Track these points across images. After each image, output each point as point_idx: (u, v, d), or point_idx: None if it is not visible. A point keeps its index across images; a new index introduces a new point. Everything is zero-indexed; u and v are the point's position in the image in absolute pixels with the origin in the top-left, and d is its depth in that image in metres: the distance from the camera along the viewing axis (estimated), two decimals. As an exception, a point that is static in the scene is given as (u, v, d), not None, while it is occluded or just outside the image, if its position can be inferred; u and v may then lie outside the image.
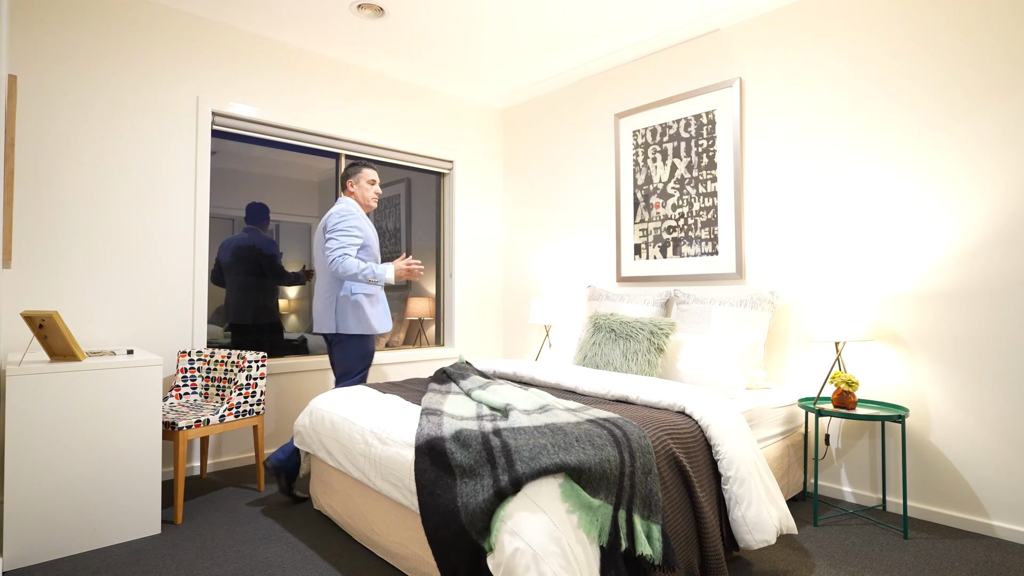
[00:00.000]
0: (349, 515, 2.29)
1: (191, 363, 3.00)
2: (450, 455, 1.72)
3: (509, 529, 1.46)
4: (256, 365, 2.84)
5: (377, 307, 2.94)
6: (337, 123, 3.78)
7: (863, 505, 2.71)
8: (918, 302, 2.57)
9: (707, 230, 3.34)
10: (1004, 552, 2.22)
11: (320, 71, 3.72)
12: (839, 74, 2.82)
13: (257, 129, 3.46)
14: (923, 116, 2.57)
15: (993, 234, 2.38)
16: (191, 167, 3.18)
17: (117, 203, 2.94)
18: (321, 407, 2.46)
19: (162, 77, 3.09)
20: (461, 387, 2.52)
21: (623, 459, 1.69)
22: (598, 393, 2.47)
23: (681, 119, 3.47)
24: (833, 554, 2.20)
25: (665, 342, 2.81)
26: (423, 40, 3.59)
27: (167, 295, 3.09)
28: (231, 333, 3.51)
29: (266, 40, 3.48)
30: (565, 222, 4.23)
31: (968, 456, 2.44)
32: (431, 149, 4.30)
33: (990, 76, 2.39)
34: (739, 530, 1.95)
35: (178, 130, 3.14)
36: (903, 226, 2.61)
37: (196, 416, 2.59)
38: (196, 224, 3.19)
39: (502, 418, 1.99)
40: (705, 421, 2.07)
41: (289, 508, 2.66)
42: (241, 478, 3.10)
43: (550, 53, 3.79)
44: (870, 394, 2.71)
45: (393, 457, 1.93)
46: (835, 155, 2.84)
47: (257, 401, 2.84)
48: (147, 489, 2.36)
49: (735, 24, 3.23)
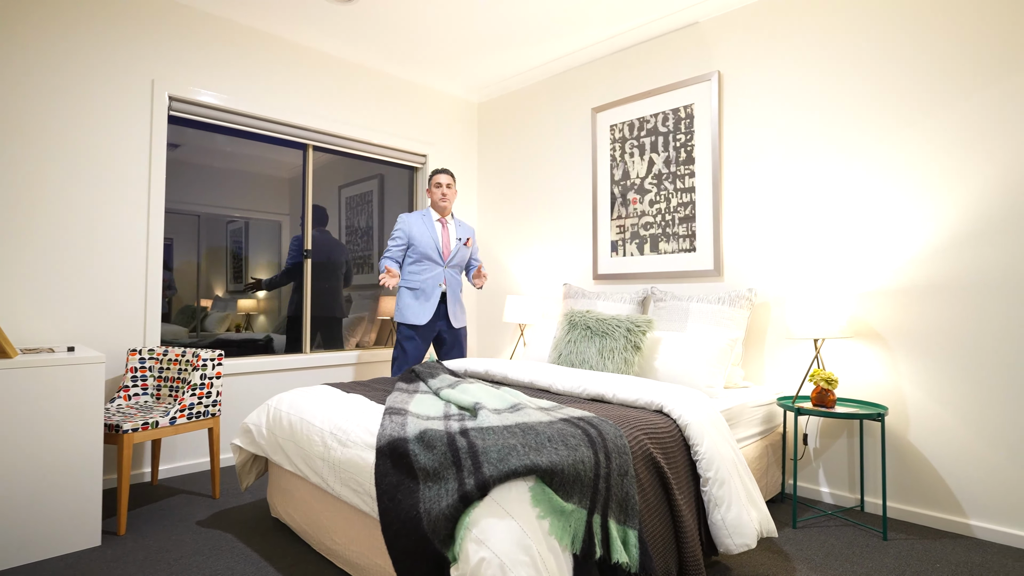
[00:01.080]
0: (307, 523, 2.14)
1: (142, 362, 2.81)
2: (413, 457, 1.59)
3: (475, 537, 1.34)
4: (212, 364, 2.67)
5: (419, 300, 3.29)
6: (305, 113, 3.63)
7: (841, 506, 2.66)
8: (895, 297, 2.53)
9: (685, 226, 3.27)
10: (983, 552, 2.17)
11: (287, 58, 3.56)
12: (816, 70, 2.78)
13: (219, 117, 3.29)
14: (899, 112, 2.53)
15: (967, 229, 2.35)
16: (145, 155, 3.00)
17: (61, 191, 2.74)
18: (279, 407, 2.31)
19: (113, 56, 2.90)
20: (430, 386, 2.40)
21: (598, 460, 1.58)
22: (573, 392, 2.37)
23: (659, 113, 3.40)
24: (813, 557, 2.13)
25: (642, 340, 2.73)
26: (396, 29, 3.46)
27: (117, 290, 2.90)
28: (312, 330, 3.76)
29: (230, 23, 3.31)
30: (541, 219, 4.13)
31: (947, 455, 2.40)
32: (404, 142, 4.16)
33: (962, 74, 2.37)
34: (719, 534, 1.87)
35: (131, 114, 2.95)
36: (880, 222, 2.58)
37: (144, 418, 2.41)
38: (150, 216, 3.00)
39: (470, 418, 1.87)
40: (683, 420, 1.98)
41: (244, 516, 2.49)
42: (195, 485, 2.91)
43: (526, 45, 3.70)
44: (849, 392, 2.66)
45: (353, 460, 1.80)
46: (813, 151, 2.80)
47: (212, 402, 2.67)
48: (86, 497, 2.17)
49: (713, 17, 3.18)
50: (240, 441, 2.42)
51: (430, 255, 3.31)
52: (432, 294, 3.30)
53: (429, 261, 3.33)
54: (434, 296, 3.30)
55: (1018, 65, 2.25)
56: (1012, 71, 2.26)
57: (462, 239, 3.44)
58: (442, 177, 3.36)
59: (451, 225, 3.45)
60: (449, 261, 3.38)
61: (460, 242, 3.43)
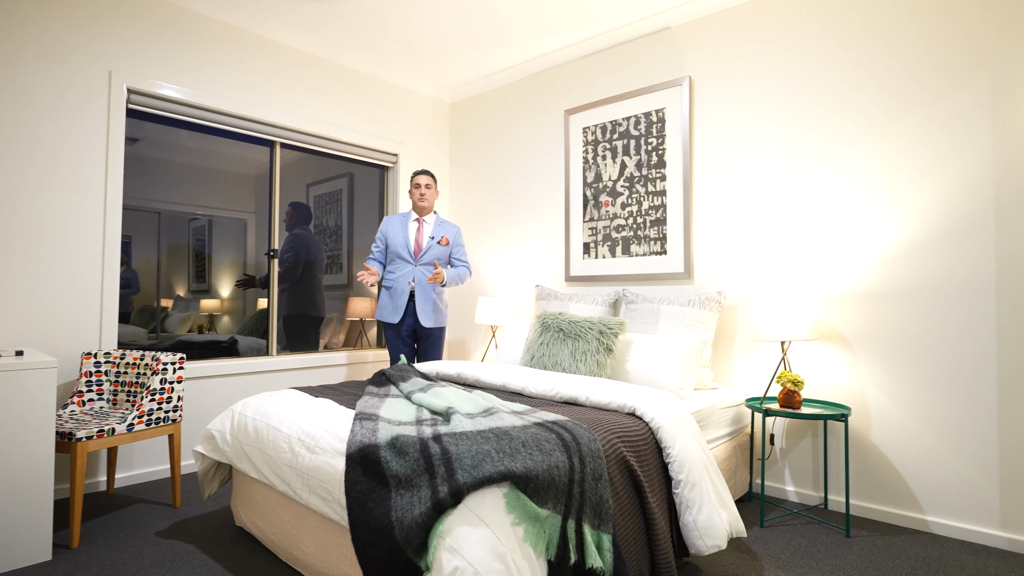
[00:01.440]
0: (274, 532, 2.08)
1: (97, 366, 2.69)
2: (384, 464, 1.56)
3: (448, 546, 1.32)
4: (172, 368, 2.57)
5: (392, 298, 3.36)
6: (273, 109, 3.53)
7: (806, 504, 2.72)
8: (858, 301, 2.60)
9: (656, 229, 3.30)
10: (940, 547, 2.25)
11: (253, 52, 3.46)
12: (784, 77, 2.85)
13: (181, 111, 3.17)
14: (863, 120, 2.61)
15: (928, 235, 2.44)
16: (102, 149, 2.87)
17: (11, 185, 2.60)
18: (244, 412, 2.24)
19: (68, 46, 2.77)
20: (401, 390, 2.36)
21: (572, 465, 1.58)
22: (546, 395, 2.36)
23: (631, 116, 3.43)
24: (780, 556, 2.17)
25: (614, 342, 2.74)
26: (367, 25, 3.40)
27: (72, 291, 2.76)
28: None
29: (193, 14, 3.20)
30: (513, 220, 4.12)
31: (905, 453, 2.48)
32: (374, 141, 4.10)
33: (923, 83, 2.45)
34: (690, 536, 1.88)
35: (87, 107, 2.82)
36: (845, 226, 2.65)
37: (99, 425, 2.31)
38: (107, 213, 2.88)
39: (443, 423, 1.84)
40: (656, 423, 1.99)
41: (207, 526, 2.41)
42: (154, 493, 2.80)
43: (499, 45, 3.68)
44: (814, 393, 2.73)
45: (322, 467, 1.75)
46: (781, 156, 2.86)
47: (173, 407, 2.57)
48: (36, 509, 2.06)
49: (685, 23, 3.22)
50: (202, 448, 2.34)
51: (401, 253, 3.37)
52: (403, 292, 3.34)
53: (401, 260, 3.39)
54: (404, 294, 3.34)
55: (977, 75, 2.34)
56: (972, 81, 2.35)
57: (435, 237, 3.41)
58: (421, 178, 3.40)
59: (427, 224, 3.43)
60: (420, 259, 3.37)
61: (433, 240, 3.40)
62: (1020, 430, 2.22)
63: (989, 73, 2.30)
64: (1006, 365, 2.25)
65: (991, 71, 2.30)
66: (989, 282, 2.30)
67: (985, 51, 2.32)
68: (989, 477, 2.28)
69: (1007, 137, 2.26)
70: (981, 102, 2.32)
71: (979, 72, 2.33)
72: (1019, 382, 2.23)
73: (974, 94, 2.34)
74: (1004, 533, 2.25)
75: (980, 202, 2.32)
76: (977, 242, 2.32)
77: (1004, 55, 2.27)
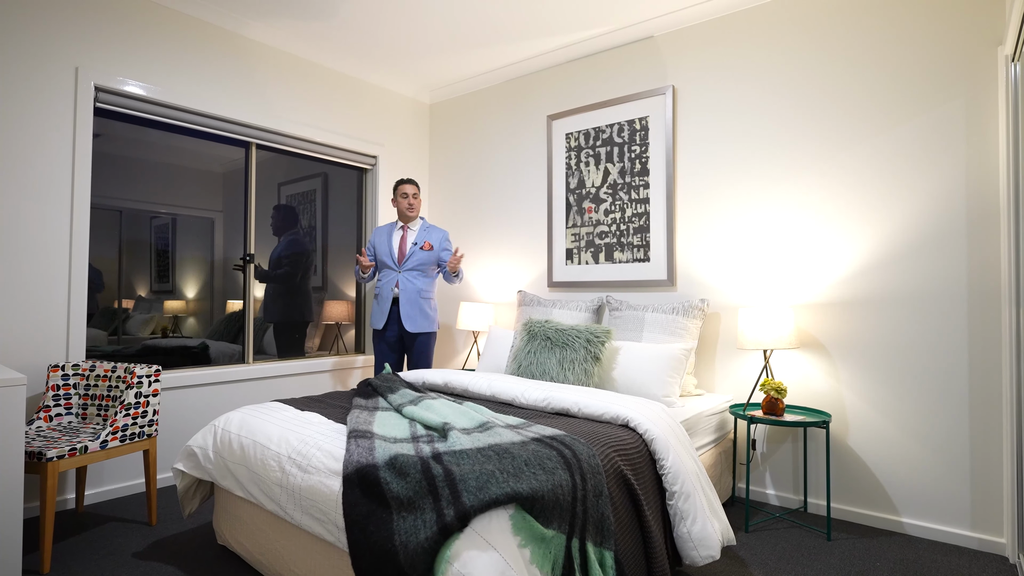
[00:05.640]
0: (261, 552, 2.02)
1: (65, 379, 2.56)
2: (385, 485, 1.53)
3: (456, 572, 1.30)
4: (148, 380, 2.47)
5: (379, 305, 3.43)
6: (248, 109, 3.42)
7: (787, 507, 2.79)
8: (836, 310, 2.68)
9: (639, 236, 3.33)
10: (915, 549, 2.34)
11: (228, 50, 3.34)
12: (766, 88, 2.90)
13: (152, 110, 3.04)
14: (845, 131, 2.68)
15: (903, 246, 2.52)
16: (68, 150, 2.73)
17: (-31, 189, 2.45)
18: (228, 428, 2.16)
19: (31, 40, 2.62)
20: (390, 402, 2.32)
21: (575, 483, 1.58)
22: (537, 406, 2.35)
23: (615, 124, 3.44)
24: (767, 561, 2.22)
25: (602, 350, 2.76)
26: (345, 24, 3.32)
27: (36, 299, 2.62)
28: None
29: (165, 10, 3.07)
30: (495, 224, 4.10)
31: (881, 457, 2.57)
32: (353, 143, 4.01)
33: (906, 96, 2.53)
34: (684, 546, 1.91)
35: (53, 106, 2.68)
36: (824, 237, 2.72)
37: (71, 443, 2.20)
38: (74, 216, 2.74)
39: (440, 439, 1.82)
40: (649, 435, 2.01)
41: (187, 545, 2.33)
42: (128, 511, 2.69)
43: (481, 48, 3.65)
44: (795, 399, 2.80)
45: (316, 488, 1.70)
46: (762, 166, 2.91)
47: (149, 422, 2.47)
48: (5, 533, 1.95)
49: (668, 32, 3.25)
50: (183, 465, 2.25)
51: (385, 260, 3.44)
52: (387, 298, 3.40)
53: (386, 267, 3.44)
54: (388, 300, 3.40)
55: (944, 96, 2.43)
56: (940, 101, 2.44)
57: (419, 243, 3.40)
58: (408, 187, 3.44)
59: (411, 231, 3.46)
60: (403, 265, 3.39)
61: (416, 246, 3.39)
62: (990, 434, 2.33)
63: (962, 91, 2.40)
64: (976, 371, 2.35)
65: (964, 89, 2.39)
66: (961, 291, 2.39)
67: (959, 70, 2.41)
68: (960, 480, 2.38)
69: (979, 153, 2.36)
70: (955, 117, 2.41)
71: (942, 96, 2.42)
72: (989, 387, 2.33)
73: (939, 116, 2.43)
74: (974, 533, 2.35)
75: (953, 214, 2.41)
76: (950, 253, 2.42)
77: (976, 74, 2.37)
